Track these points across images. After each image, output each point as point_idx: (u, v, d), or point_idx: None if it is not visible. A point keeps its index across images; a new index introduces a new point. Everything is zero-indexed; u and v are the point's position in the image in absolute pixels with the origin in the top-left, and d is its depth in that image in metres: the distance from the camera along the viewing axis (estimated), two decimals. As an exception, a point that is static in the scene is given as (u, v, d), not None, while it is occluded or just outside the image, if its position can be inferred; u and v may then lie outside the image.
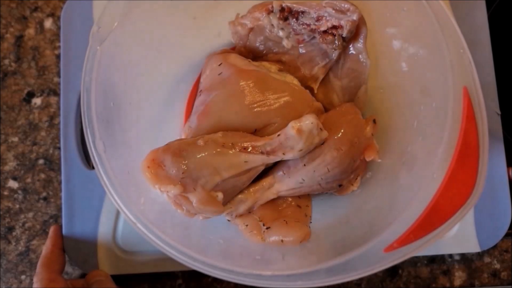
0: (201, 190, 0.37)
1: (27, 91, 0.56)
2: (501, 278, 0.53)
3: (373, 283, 0.52)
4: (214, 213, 0.39)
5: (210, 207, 0.38)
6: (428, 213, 0.35)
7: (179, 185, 0.36)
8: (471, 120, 0.35)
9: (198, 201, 0.37)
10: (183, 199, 0.37)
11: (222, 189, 0.38)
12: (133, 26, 0.42)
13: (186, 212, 0.38)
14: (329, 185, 0.41)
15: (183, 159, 0.37)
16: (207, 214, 0.39)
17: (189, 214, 0.39)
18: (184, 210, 0.38)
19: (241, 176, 0.39)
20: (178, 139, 0.39)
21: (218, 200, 0.38)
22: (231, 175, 0.38)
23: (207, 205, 0.37)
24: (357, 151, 0.40)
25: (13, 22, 0.57)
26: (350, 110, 0.42)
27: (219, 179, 0.38)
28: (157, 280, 0.52)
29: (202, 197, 0.37)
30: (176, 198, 0.38)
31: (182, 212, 0.39)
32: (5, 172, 0.54)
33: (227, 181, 0.38)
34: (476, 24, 0.52)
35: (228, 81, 0.41)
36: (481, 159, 0.35)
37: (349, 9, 0.40)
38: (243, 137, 0.39)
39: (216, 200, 0.38)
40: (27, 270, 0.53)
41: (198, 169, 0.37)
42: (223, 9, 0.43)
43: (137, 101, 0.45)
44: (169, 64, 0.47)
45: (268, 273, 0.37)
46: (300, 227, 0.41)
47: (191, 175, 0.37)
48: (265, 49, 0.46)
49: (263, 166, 0.40)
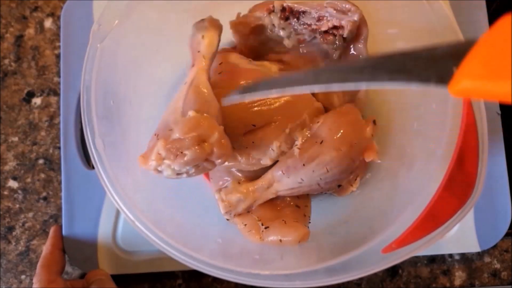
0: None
1: (27, 91, 0.56)
2: (501, 278, 0.53)
3: (373, 283, 0.52)
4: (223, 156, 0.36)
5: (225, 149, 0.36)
6: (428, 214, 0.35)
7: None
8: (471, 120, 0.35)
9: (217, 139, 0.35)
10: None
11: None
12: (133, 25, 0.43)
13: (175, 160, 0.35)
14: (328, 185, 0.41)
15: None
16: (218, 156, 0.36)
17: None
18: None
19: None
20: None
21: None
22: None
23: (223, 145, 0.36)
24: (356, 151, 0.40)
25: (13, 22, 0.57)
26: (350, 110, 0.42)
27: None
28: (157, 280, 0.52)
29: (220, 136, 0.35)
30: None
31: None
32: (5, 172, 0.54)
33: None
34: (476, 24, 0.52)
35: (228, 80, 0.41)
36: (480, 159, 0.35)
37: (350, 9, 0.40)
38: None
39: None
40: (27, 270, 0.53)
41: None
42: (224, 8, 0.43)
43: (137, 100, 0.45)
44: (169, 63, 0.47)
45: (267, 273, 0.37)
46: (298, 227, 0.41)
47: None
48: (266, 49, 0.46)
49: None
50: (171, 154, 0.35)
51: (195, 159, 0.35)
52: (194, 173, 0.37)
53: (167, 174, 0.36)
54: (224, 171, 0.44)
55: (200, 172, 0.38)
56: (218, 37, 0.40)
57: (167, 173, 0.36)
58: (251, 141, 0.40)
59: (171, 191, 0.44)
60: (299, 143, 0.41)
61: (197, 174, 0.37)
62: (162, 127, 0.37)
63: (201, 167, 0.37)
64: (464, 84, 0.22)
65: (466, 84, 0.21)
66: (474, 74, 0.21)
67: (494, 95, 0.21)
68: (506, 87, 0.20)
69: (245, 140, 0.41)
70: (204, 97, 0.37)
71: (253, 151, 0.41)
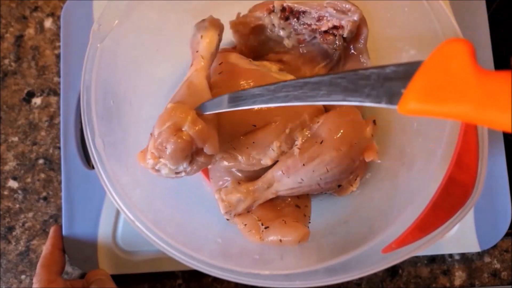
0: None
1: (27, 91, 0.56)
2: (501, 278, 0.53)
3: (373, 283, 0.52)
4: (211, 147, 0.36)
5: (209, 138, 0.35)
6: (428, 214, 0.35)
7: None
8: (471, 120, 0.35)
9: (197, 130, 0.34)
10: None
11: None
12: (133, 25, 0.43)
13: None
14: (328, 185, 0.41)
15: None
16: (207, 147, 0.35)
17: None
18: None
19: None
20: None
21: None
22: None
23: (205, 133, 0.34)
24: (356, 151, 0.40)
25: (13, 22, 0.57)
26: (350, 110, 0.42)
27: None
28: (157, 280, 0.52)
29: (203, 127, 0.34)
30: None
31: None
32: (5, 172, 0.54)
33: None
34: (476, 24, 0.52)
35: (228, 80, 0.41)
36: (480, 159, 0.35)
37: (350, 9, 0.40)
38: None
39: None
40: (27, 270, 0.53)
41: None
42: (224, 8, 0.43)
43: (137, 100, 0.45)
44: (169, 63, 0.47)
45: (267, 273, 0.37)
46: (298, 227, 0.41)
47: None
48: (266, 49, 0.46)
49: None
50: (158, 150, 0.34)
51: (177, 149, 0.34)
52: (192, 170, 0.36)
53: (165, 173, 0.36)
54: (224, 171, 0.44)
55: (198, 169, 0.37)
56: (218, 37, 0.40)
57: (165, 172, 0.36)
58: (252, 141, 0.40)
59: (171, 191, 0.44)
60: (299, 143, 0.41)
61: (195, 171, 0.37)
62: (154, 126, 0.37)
63: (196, 163, 0.36)
64: (412, 105, 0.23)
65: (414, 106, 0.23)
66: (420, 96, 0.23)
67: (440, 115, 0.22)
68: (450, 109, 0.22)
69: (246, 140, 0.41)
70: (193, 92, 0.37)
71: (253, 151, 0.41)
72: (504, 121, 0.20)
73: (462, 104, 0.21)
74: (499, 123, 0.21)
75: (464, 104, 0.21)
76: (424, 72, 0.23)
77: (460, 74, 0.22)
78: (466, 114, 0.21)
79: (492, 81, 0.21)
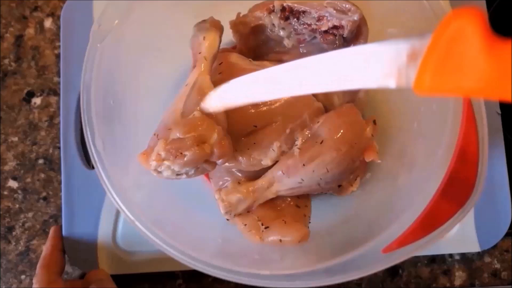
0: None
1: (27, 91, 0.56)
2: (502, 278, 0.53)
3: (374, 283, 0.52)
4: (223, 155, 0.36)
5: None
6: (428, 214, 0.35)
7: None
8: (471, 120, 0.35)
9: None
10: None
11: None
12: (133, 25, 0.42)
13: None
14: (329, 185, 0.41)
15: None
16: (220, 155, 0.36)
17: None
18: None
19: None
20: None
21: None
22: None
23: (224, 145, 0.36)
24: (356, 152, 0.40)
25: (13, 22, 0.57)
26: (350, 110, 0.42)
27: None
28: (157, 280, 0.52)
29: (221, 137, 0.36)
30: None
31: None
32: (5, 172, 0.54)
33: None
34: (476, 24, 0.52)
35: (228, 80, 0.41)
36: (481, 159, 0.35)
37: (350, 9, 0.39)
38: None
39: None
40: (27, 270, 0.53)
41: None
42: (224, 8, 0.43)
43: (137, 100, 0.45)
44: (169, 63, 0.47)
45: (267, 273, 0.37)
46: (299, 227, 0.40)
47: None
48: (266, 49, 0.46)
49: None
50: (171, 155, 0.34)
51: (194, 159, 0.35)
52: (194, 174, 0.37)
53: (167, 175, 0.36)
54: (224, 171, 0.44)
55: (200, 173, 0.38)
56: (219, 38, 0.40)
57: (167, 174, 0.36)
58: (253, 142, 0.40)
59: (171, 191, 0.44)
60: (299, 143, 0.41)
61: (196, 175, 0.37)
62: (162, 128, 0.37)
63: (201, 168, 0.37)
64: (428, 83, 0.21)
65: (430, 83, 0.21)
66: (436, 72, 0.21)
67: (458, 91, 0.21)
68: (467, 83, 0.20)
69: (247, 141, 0.41)
70: (203, 97, 0.37)
71: (254, 151, 0.41)
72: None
73: (480, 75, 0.19)
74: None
75: (482, 75, 0.19)
76: (436, 46, 0.21)
77: (474, 44, 0.20)
78: (486, 87, 0.20)
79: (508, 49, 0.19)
